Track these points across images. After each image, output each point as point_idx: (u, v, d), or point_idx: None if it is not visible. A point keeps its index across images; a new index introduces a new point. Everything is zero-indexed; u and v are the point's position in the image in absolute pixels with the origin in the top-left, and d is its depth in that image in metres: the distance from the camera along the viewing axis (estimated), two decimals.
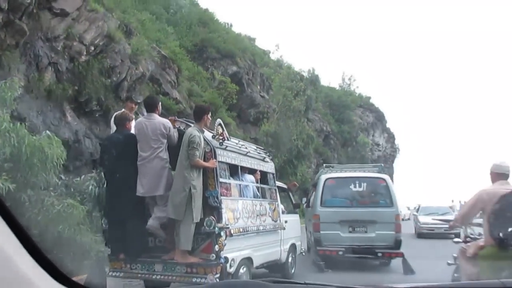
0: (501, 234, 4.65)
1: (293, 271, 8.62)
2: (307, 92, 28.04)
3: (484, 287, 1.65)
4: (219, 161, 6.16)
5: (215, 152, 6.09)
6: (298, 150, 26.42)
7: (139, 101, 9.93)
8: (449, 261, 6.25)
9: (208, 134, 6.23)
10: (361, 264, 10.10)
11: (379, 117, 55.45)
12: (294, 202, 9.97)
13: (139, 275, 6.06)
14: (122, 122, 6.33)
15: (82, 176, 8.90)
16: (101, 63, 13.24)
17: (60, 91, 11.33)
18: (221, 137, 6.29)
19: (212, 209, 5.87)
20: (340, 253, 9.60)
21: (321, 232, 9.96)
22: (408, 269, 9.11)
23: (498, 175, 5.29)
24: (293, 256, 8.77)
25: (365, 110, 52.94)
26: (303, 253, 9.50)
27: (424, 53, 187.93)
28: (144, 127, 6.03)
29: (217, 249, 5.71)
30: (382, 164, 13.79)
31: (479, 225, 5.57)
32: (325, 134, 42.05)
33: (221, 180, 6.13)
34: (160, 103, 6.57)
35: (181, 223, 5.71)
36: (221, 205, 5.93)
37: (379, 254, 9.85)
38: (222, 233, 5.81)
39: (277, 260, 7.91)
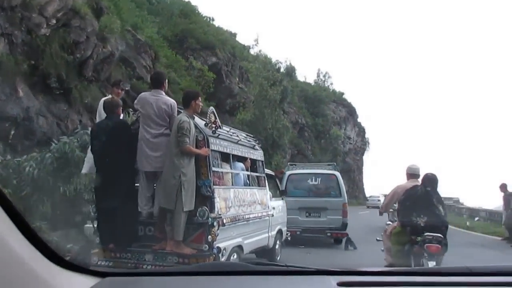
0: (404, 219, 6.06)
1: (279, 257, 8.36)
2: (283, 83, 26.63)
3: (451, 271, 1.46)
4: (212, 150, 5.71)
5: (208, 140, 5.65)
6: (273, 139, 25.04)
7: (127, 88, 8.81)
8: (377, 238, 7.22)
9: (200, 122, 5.80)
10: (318, 242, 11.61)
11: (351, 112, 54.54)
12: (280, 189, 9.80)
13: (129, 264, 5.40)
14: (112, 108, 5.75)
15: (24, 157, 7.49)
16: (63, 38, 11.48)
17: (12, 64, 9.63)
18: (214, 125, 5.86)
19: (204, 198, 5.42)
20: (298, 232, 10.78)
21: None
22: (351, 246, 10.87)
23: (411, 175, 6.57)
24: (280, 241, 8.65)
25: (338, 105, 51.89)
26: (289, 238, 9.40)
27: (394, 53, 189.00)
28: (150, 103, 5.47)
29: (210, 240, 5.33)
30: (335, 163, 15.03)
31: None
32: (300, 126, 40.82)
33: (213, 169, 5.69)
34: (166, 80, 5.94)
35: (173, 213, 5.23)
36: (214, 195, 5.49)
37: (328, 234, 11.72)
38: (215, 224, 5.40)
39: (265, 246, 7.69)
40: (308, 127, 42.39)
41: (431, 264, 5.65)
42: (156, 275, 1.66)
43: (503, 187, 14.32)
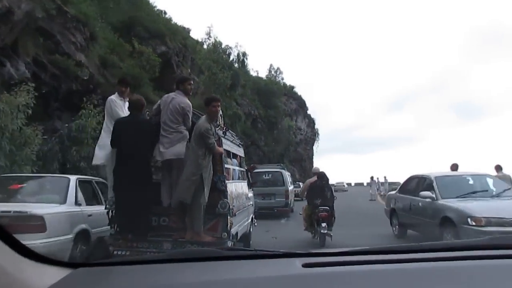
0: (309, 200, 9.09)
1: (251, 240, 8.19)
2: (234, 67, 22.79)
3: (407, 249, 1.42)
4: (224, 149, 5.93)
5: (221, 141, 5.85)
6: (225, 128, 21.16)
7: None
8: (300, 212, 10.03)
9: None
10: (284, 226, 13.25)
11: (301, 104, 51.55)
12: (251, 181, 9.57)
13: (147, 253, 5.05)
14: (138, 107, 5.57)
15: None
16: None
17: None
18: (224, 128, 6.30)
19: (220, 192, 5.52)
20: (256, 210, 11.00)
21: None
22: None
23: (314, 173, 9.70)
24: (252, 227, 8.58)
25: (289, 97, 48.77)
26: (255, 224, 9.17)
27: (342, 49, 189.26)
28: (167, 102, 5.50)
29: (228, 228, 5.44)
30: (282, 164, 19.28)
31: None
32: (253, 118, 37.34)
33: (225, 165, 5.91)
34: (190, 83, 5.85)
35: (193, 205, 5.26)
36: (227, 188, 5.64)
37: (275, 210, 15.25)
38: (230, 213, 5.54)
39: (245, 232, 7.60)
40: (261, 118, 38.97)
41: (324, 225, 8.35)
42: (128, 264, 1.44)
43: (454, 166, 10.97)
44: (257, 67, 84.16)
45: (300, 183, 26.16)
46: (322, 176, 9.15)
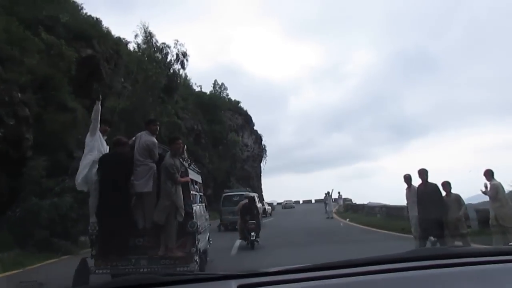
0: (242, 216, 12.20)
1: (208, 258, 8.49)
2: (174, 67, 19.45)
3: (346, 264, 1.40)
4: (190, 178, 6.95)
5: (187, 171, 6.79)
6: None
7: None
8: (236, 226, 13.40)
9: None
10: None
11: (247, 120, 49.03)
12: (206, 204, 9.69)
13: (126, 270, 5.94)
14: (117, 144, 6.60)
15: None
16: None
17: None
18: (189, 160, 7.34)
19: (188, 214, 6.37)
20: (228, 223, 18.39)
21: (223, 217, 19.66)
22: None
23: (246, 197, 13.63)
24: (209, 244, 8.93)
25: (234, 113, 46.07)
26: (211, 242, 9.34)
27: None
28: (138, 140, 6.51)
29: (196, 243, 6.36)
30: (249, 189, 22.66)
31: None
32: (196, 133, 34.15)
33: (192, 192, 6.94)
34: (156, 127, 6.81)
35: (168, 226, 6.12)
36: (194, 211, 6.64)
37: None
38: (198, 231, 6.51)
39: (205, 249, 8.12)
40: (205, 133, 35.89)
41: (252, 234, 11.52)
42: None
43: (407, 178, 9.19)
44: (201, 83, 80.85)
45: (266, 203, 30.12)
46: (252, 199, 12.95)
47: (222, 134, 37.51)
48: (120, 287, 1.37)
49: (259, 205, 18.65)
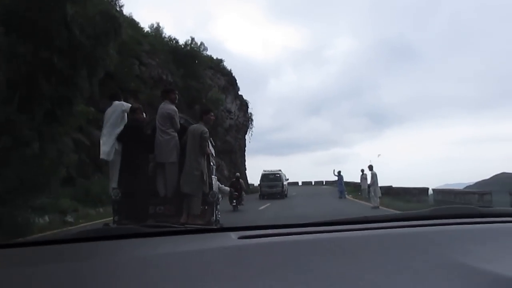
0: (230, 190, 14.91)
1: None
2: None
3: (348, 221, 1.36)
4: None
5: (211, 143, 7.02)
6: (62, 76, 9.70)
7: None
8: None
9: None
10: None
11: (231, 82, 40.67)
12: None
13: None
14: (135, 111, 6.53)
15: None
16: None
17: None
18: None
19: (210, 185, 6.44)
20: (266, 195, 26.47)
21: (262, 189, 27.59)
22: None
23: (235, 177, 20.12)
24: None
25: (216, 72, 37.66)
26: (219, 216, 9.36)
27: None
28: (160, 110, 6.52)
29: (216, 213, 6.53)
30: (280, 169, 29.08)
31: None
32: (165, 86, 25.84)
33: (211, 163, 6.91)
34: (174, 95, 6.73)
35: (194, 196, 6.15)
36: (213, 182, 6.75)
37: (278, 196, 26.03)
38: (218, 201, 6.72)
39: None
40: (178, 89, 27.63)
41: (234, 201, 16.71)
42: (30, 245, 1.20)
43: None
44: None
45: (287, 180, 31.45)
46: (238, 178, 19.15)
47: (199, 93, 29.35)
48: (102, 236, 1.18)
49: (285, 182, 28.69)
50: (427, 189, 24.48)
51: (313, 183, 61.57)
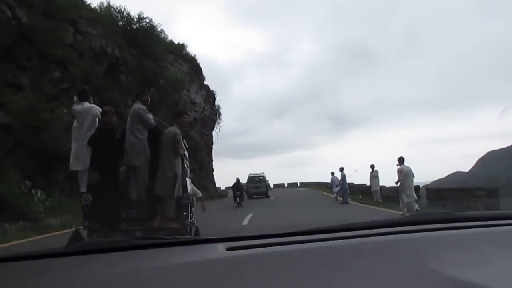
0: (234, 191, 23.22)
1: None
2: None
3: (332, 228, 1.35)
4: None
5: (185, 145, 6.66)
6: None
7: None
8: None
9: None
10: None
11: (196, 69, 35.42)
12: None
13: None
14: (103, 114, 6.33)
15: None
16: None
17: None
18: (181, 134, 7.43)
19: (184, 187, 6.17)
20: (252, 193, 30.01)
21: (248, 190, 28.84)
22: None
23: (236, 180, 23.64)
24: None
25: (178, 57, 32.32)
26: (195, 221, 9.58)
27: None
28: (130, 111, 6.37)
29: (192, 215, 6.12)
30: (263, 172, 33.01)
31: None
32: (110, 61, 20.46)
33: (186, 165, 6.68)
34: (147, 97, 6.54)
35: (168, 198, 5.91)
36: (187, 184, 6.40)
37: (261, 196, 30.39)
38: (193, 203, 6.30)
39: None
40: (128, 68, 22.19)
41: (238, 199, 21.65)
42: (22, 259, 1.13)
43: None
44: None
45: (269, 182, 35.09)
46: (238, 181, 22.37)
47: (156, 75, 24.01)
48: (93, 250, 1.18)
49: (268, 183, 34.24)
50: (418, 186, 23.00)
51: (285, 185, 58.50)
